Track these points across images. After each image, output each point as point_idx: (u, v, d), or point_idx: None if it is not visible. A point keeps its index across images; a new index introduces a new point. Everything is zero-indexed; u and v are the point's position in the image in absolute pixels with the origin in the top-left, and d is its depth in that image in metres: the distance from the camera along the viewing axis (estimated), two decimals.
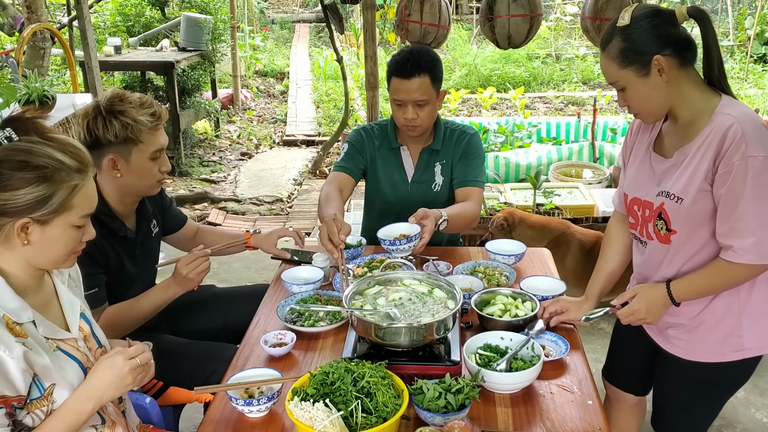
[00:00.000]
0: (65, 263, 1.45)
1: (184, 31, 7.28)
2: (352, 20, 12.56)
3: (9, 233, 1.35)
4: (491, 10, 3.62)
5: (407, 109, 2.37)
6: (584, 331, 3.39)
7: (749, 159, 1.53)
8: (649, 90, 1.64)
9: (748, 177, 1.54)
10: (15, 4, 8.43)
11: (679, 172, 1.67)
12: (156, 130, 2.00)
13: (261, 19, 14.72)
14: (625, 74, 1.64)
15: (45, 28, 5.19)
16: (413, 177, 2.57)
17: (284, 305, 2.06)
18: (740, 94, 8.84)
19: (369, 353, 1.73)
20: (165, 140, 2.04)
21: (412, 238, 2.13)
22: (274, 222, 5.75)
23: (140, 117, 1.94)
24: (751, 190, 1.54)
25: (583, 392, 1.68)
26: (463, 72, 10.04)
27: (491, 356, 1.74)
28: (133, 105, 1.95)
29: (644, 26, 1.61)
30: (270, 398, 1.60)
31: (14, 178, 1.31)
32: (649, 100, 1.67)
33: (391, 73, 2.38)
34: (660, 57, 1.59)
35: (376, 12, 4.21)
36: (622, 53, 1.63)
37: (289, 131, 8.50)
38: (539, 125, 5.91)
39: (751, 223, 1.56)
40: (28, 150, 1.34)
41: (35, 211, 1.34)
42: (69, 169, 1.36)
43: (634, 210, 1.82)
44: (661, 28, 1.61)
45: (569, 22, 11.52)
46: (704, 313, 1.75)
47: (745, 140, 1.53)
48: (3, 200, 1.31)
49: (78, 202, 1.38)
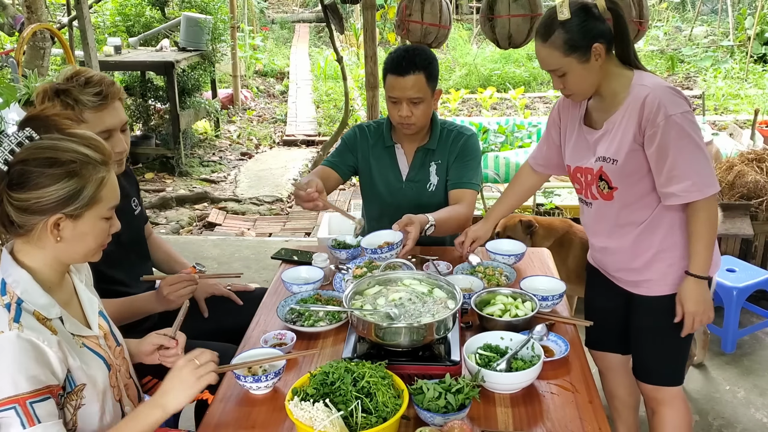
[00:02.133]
0: (94, 256, 1.47)
1: (184, 31, 7.28)
2: (352, 20, 12.55)
3: (41, 232, 1.36)
4: (492, 10, 3.62)
5: (402, 107, 2.38)
6: (584, 331, 3.39)
7: (670, 117, 1.81)
8: (588, 73, 1.90)
9: (672, 132, 1.82)
10: (15, 4, 8.42)
11: (610, 139, 1.95)
12: (102, 110, 1.91)
13: (261, 19, 14.72)
14: (568, 61, 1.88)
15: (45, 28, 5.18)
16: (407, 176, 2.56)
17: (284, 305, 2.06)
18: (740, 94, 8.85)
19: (369, 353, 1.73)
20: (118, 120, 1.95)
21: (394, 246, 2.14)
22: (274, 222, 5.75)
23: (82, 96, 1.88)
24: (677, 141, 1.82)
25: (583, 392, 1.68)
26: (463, 72, 10.05)
27: (491, 356, 1.74)
28: (77, 84, 1.88)
29: (582, 19, 1.85)
30: (276, 374, 1.68)
31: (44, 175, 1.32)
32: (586, 82, 1.93)
33: (387, 70, 2.39)
34: (598, 45, 1.86)
35: (376, 12, 4.20)
36: (566, 42, 1.86)
37: (289, 131, 8.50)
38: (539, 125, 5.89)
39: (684, 168, 1.83)
40: (54, 147, 1.34)
41: (67, 207, 1.35)
42: (95, 162, 1.38)
43: (578, 177, 2.09)
44: (595, 20, 1.86)
45: None
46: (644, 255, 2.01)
47: (663, 104, 1.82)
48: (35, 199, 1.32)
49: (106, 194, 1.40)
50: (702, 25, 12.10)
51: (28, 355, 1.29)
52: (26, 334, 1.31)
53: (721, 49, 10.75)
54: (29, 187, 1.32)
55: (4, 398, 1.27)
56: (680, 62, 10.67)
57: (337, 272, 2.28)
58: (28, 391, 1.28)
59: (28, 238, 1.38)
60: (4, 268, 1.40)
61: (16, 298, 1.35)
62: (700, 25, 12.02)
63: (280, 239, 4.98)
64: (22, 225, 1.35)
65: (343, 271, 2.26)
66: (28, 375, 1.28)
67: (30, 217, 1.34)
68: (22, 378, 1.28)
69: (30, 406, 1.28)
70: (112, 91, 1.94)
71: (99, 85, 1.91)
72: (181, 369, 1.46)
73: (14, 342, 1.29)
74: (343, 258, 2.38)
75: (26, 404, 1.27)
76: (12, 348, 1.28)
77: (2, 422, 1.28)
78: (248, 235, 5.34)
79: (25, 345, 1.30)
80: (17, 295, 1.36)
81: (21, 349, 1.29)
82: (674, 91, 1.87)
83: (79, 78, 1.90)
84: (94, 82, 1.90)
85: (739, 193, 3.66)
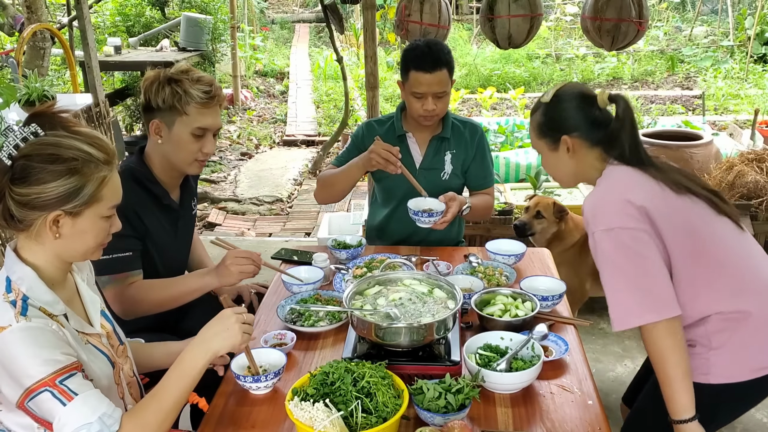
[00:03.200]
0: (93, 255, 1.48)
1: (184, 31, 7.28)
2: (352, 20, 12.56)
3: (41, 227, 1.37)
4: (491, 10, 3.62)
5: (427, 101, 2.41)
6: (584, 331, 3.39)
7: (593, 234, 1.64)
8: (557, 162, 1.83)
9: (596, 249, 1.65)
10: (15, 4, 8.42)
11: None
12: (205, 108, 2.00)
13: (261, 19, 14.73)
14: (539, 144, 1.85)
15: (45, 28, 5.19)
16: (422, 164, 2.58)
17: (284, 305, 2.06)
18: (740, 94, 8.85)
19: (369, 353, 1.73)
20: (215, 123, 2.04)
21: (434, 213, 2.28)
22: (274, 222, 5.75)
23: (192, 90, 1.97)
24: (599, 261, 1.64)
25: (583, 392, 1.68)
26: (463, 72, 10.04)
27: (491, 356, 1.74)
28: (190, 78, 1.98)
29: (562, 107, 1.77)
30: (276, 374, 1.68)
31: (45, 171, 1.33)
32: (557, 170, 1.85)
33: (411, 66, 2.40)
34: (567, 137, 1.76)
35: (376, 12, 4.20)
36: (539, 126, 1.82)
37: (289, 131, 8.50)
38: None
39: (607, 293, 1.63)
40: (57, 143, 1.36)
41: (67, 203, 1.36)
42: (97, 160, 1.39)
43: None
44: (577, 111, 1.76)
45: (569, 22, 11.52)
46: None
47: (588, 217, 1.66)
48: (35, 194, 1.34)
49: (107, 194, 1.41)
50: (702, 25, 12.10)
51: (42, 340, 1.31)
52: (35, 322, 1.32)
53: (721, 49, 10.76)
54: (31, 182, 1.33)
55: (34, 384, 1.28)
56: (680, 62, 10.67)
57: (337, 272, 2.28)
58: (54, 371, 1.29)
59: (28, 234, 1.39)
60: (9, 266, 1.41)
61: (21, 295, 1.36)
62: (700, 25, 12.02)
63: (280, 239, 4.98)
64: (22, 220, 1.36)
65: (343, 271, 2.26)
66: (47, 358, 1.30)
67: (30, 212, 1.35)
68: (43, 362, 1.29)
69: (61, 384, 1.30)
70: (219, 94, 2.04)
71: (210, 85, 2.01)
72: (228, 317, 1.49)
73: (25, 331, 1.30)
74: (343, 258, 2.38)
75: (56, 384, 1.29)
76: (24, 336, 1.30)
77: (45, 409, 1.30)
78: (248, 235, 5.34)
79: (36, 332, 1.31)
80: (22, 292, 1.37)
81: (33, 336, 1.31)
82: (614, 203, 1.63)
83: (193, 74, 2.00)
84: (205, 81, 2.01)
85: (739, 193, 3.66)
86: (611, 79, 10.19)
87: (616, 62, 10.41)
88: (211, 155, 2.10)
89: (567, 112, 1.77)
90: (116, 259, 1.94)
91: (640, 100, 8.75)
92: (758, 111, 5.29)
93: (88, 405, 1.31)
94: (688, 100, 8.90)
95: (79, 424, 1.29)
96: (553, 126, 1.79)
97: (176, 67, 2.02)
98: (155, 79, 1.98)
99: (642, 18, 3.49)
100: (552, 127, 1.79)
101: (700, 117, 6.66)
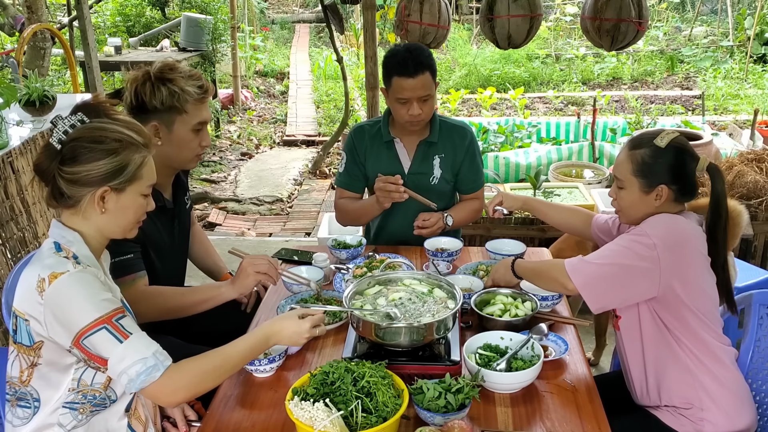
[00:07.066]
0: (131, 232, 1.62)
1: (184, 32, 7.29)
2: (352, 20, 12.55)
3: (88, 203, 1.51)
4: (491, 11, 3.62)
5: (413, 106, 2.39)
6: (584, 331, 3.39)
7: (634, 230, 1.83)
8: (639, 202, 1.84)
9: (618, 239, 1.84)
10: (15, 4, 8.43)
11: None
12: (201, 102, 2.02)
13: (261, 20, 14.72)
14: (632, 180, 1.83)
15: (45, 28, 5.19)
16: (410, 169, 2.58)
17: (284, 305, 2.06)
18: (740, 94, 8.85)
19: (369, 353, 1.74)
20: (209, 115, 2.07)
21: (453, 253, 2.37)
22: (274, 222, 5.75)
23: (188, 87, 1.97)
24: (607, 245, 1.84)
25: (582, 392, 1.69)
26: (463, 72, 10.04)
27: (491, 356, 1.74)
28: (182, 75, 1.98)
29: (670, 157, 1.79)
30: (278, 357, 1.75)
31: (94, 150, 1.48)
32: (633, 208, 1.86)
33: (393, 73, 2.38)
34: (666, 187, 1.80)
35: (376, 12, 4.20)
36: (642, 165, 1.81)
37: (289, 131, 8.50)
38: (539, 125, 5.90)
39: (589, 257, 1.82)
40: (102, 128, 1.51)
41: (113, 180, 1.50)
42: (138, 143, 1.54)
43: None
44: (683, 167, 1.80)
45: (569, 22, 11.52)
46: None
47: (650, 225, 1.79)
48: (86, 171, 1.48)
49: (146, 173, 1.57)
50: (702, 25, 12.09)
51: (96, 285, 1.46)
52: (89, 270, 1.47)
53: (720, 50, 10.75)
54: (81, 161, 1.47)
55: (93, 321, 1.41)
56: (680, 62, 10.67)
57: (337, 272, 2.28)
58: (110, 310, 1.44)
59: (75, 210, 1.52)
60: (56, 233, 1.53)
61: (72, 254, 1.49)
62: (699, 25, 12.01)
63: (281, 239, 4.98)
64: (71, 196, 1.50)
65: (343, 270, 2.26)
66: (103, 298, 1.44)
67: (79, 189, 1.49)
68: (100, 301, 1.43)
69: (117, 322, 1.44)
70: (209, 86, 2.07)
71: (200, 79, 2.03)
72: (304, 323, 1.64)
73: (83, 274, 1.45)
74: (343, 258, 2.38)
75: (113, 321, 1.43)
76: (82, 279, 1.44)
77: (100, 346, 1.42)
78: (248, 235, 5.34)
79: (91, 277, 1.46)
80: (72, 251, 1.50)
81: (89, 280, 1.45)
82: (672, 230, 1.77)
83: (182, 71, 2.00)
84: (195, 76, 2.02)
85: (738, 193, 3.66)
86: (611, 80, 10.19)
87: (615, 62, 10.41)
88: (207, 147, 2.12)
89: (676, 164, 1.79)
90: (120, 262, 1.93)
91: (640, 100, 8.75)
92: (758, 111, 5.30)
93: (143, 342, 1.45)
94: (687, 101, 8.90)
95: (137, 357, 1.42)
96: (658, 171, 1.79)
97: (162, 65, 1.99)
98: (145, 79, 1.95)
99: (642, 18, 3.49)
100: (656, 171, 1.79)
101: (700, 117, 6.66)
